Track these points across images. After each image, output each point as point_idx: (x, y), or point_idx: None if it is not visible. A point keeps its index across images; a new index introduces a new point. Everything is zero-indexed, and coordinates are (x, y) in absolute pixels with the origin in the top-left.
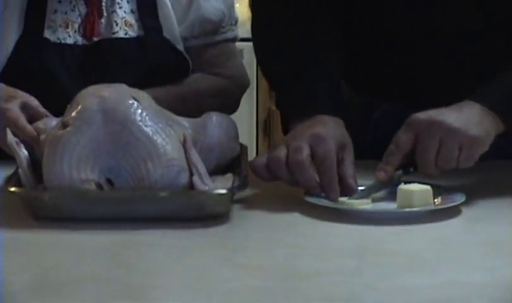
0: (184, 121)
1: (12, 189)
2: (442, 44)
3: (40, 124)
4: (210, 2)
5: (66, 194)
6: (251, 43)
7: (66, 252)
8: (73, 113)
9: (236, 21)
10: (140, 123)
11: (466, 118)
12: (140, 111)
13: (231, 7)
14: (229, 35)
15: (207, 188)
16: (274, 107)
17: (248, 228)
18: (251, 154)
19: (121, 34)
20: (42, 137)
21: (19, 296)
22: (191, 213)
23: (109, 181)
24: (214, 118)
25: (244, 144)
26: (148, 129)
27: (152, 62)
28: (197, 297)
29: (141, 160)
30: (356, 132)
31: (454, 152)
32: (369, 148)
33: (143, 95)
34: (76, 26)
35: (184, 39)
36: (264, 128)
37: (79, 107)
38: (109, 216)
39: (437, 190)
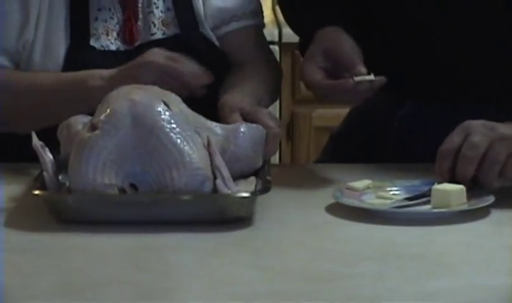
0: (217, 127)
1: (37, 191)
2: (471, 42)
3: (71, 120)
4: None
5: (89, 198)
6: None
7: (89, 255)
8: (102, 116)
9: (256, 9)
10: (168, 130)
11: None
12: (169, 118)
13: None
14: (247, 22)
15: (229, 192)
16: (297, 110)
17: (270, 231)
18: (274, 158)
19: (159, 35)
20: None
21: (42, 299)
22: (214, 216)
23: (133, 186)
24: (246, 129)
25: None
26: (175, 137)
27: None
28: (220, 300)
29: (166, 167)
30: (379, 132)
31: (500, 156)
32: (392, 147)
33: (174, 98)
34: (115, 33)
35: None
36: (287, 131)
37: (109, 110)
38: (131, 219)
39: (467, 191)
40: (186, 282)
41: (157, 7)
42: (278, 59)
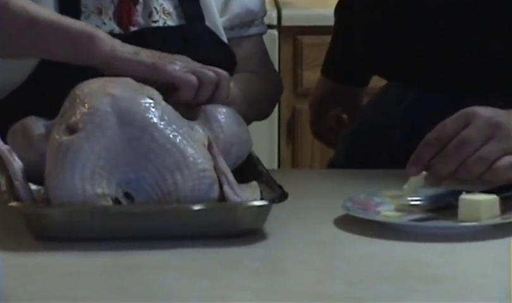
0: (196, 125)
1: (13, 203)
2: (475, 30)
3: (26, 123)
4: None
5: (83, 211)
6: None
7: (58, 275)
8: (80, 116)
9: (265, 15)
10: (162, 127)
11: None
12: (160, 112)
13: None
14: (262, 28)
15: (239, 199)
16: (299, 106)
17: (269, 248)
18: (273, 160)
19: (160, 23)
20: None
21: None
22: (226, 228)
23: (128, 195)
24: (225, 110)
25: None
26: (172, 134)
27: (195, 53)
28: None
29: (167, 171)
30: (384, 126)
31: (491, 155)
32: (398, 143)
33: (152, 90)
34: (111, 13)
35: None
36: (287, 130)
37: (88, 107)
38: (130, 235)
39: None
40: None
41: None
42: (277, 45)
